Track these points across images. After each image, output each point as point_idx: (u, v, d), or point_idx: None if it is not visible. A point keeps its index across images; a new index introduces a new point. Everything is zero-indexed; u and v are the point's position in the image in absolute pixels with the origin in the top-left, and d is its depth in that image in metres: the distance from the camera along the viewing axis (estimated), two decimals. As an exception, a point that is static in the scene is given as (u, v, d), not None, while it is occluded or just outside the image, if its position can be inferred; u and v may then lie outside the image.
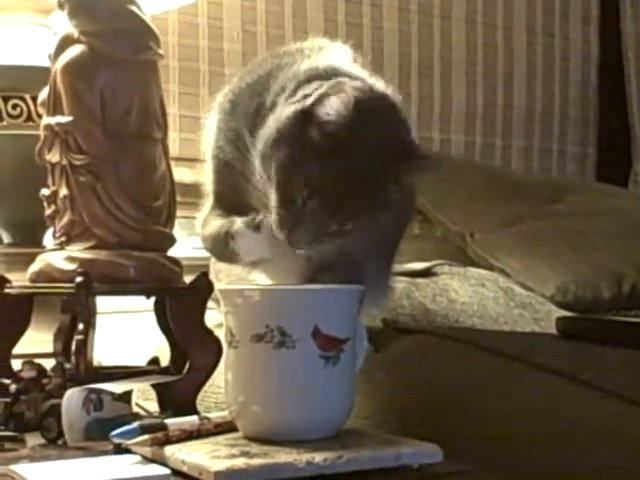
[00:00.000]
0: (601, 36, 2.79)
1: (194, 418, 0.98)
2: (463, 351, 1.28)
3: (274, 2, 2.24)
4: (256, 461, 0.84)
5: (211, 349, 1.16)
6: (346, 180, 0.97)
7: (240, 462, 0.84)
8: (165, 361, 1.25)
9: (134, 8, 1.18)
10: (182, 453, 0.89)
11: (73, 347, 1.21)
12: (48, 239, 1.35)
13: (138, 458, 0.93)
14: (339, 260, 1.06)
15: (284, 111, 1.02)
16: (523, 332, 1.57)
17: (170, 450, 0.91)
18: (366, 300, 1.00)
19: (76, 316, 1.22)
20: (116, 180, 1.16)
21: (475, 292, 1.78)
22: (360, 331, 1.00)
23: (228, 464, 0.84)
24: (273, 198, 1.02)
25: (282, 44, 2.13)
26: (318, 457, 0.86)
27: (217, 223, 1.10)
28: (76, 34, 1.17)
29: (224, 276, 1.19)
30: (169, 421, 0.96)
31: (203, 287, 1.18)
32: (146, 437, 0.92)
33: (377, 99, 1.01)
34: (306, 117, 1.00)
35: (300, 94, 1.03)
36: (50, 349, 1.24)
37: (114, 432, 0.93)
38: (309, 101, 1.00)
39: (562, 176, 2.68)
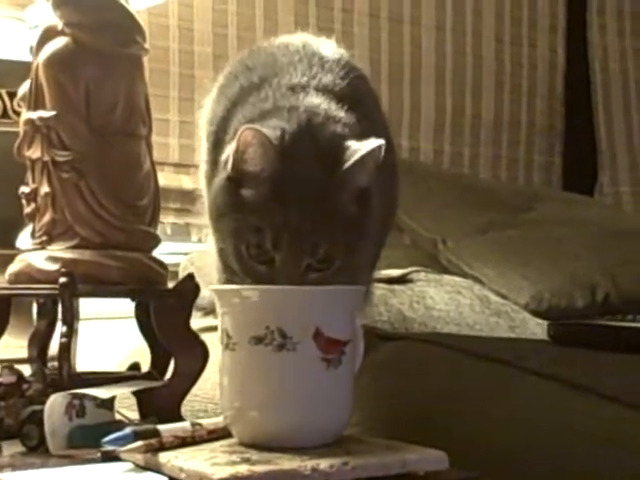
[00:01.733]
0: (568, 46, 2.79)
1: (186, 424, 0.95)
2: (451, 357, 1.25)
3: (245, 5, 2.21)
4: (260, 468, 0.81)
5: (197, 354, 1.13)
6: (297, 212, 0.94)
7: (243, 469, 0.80)
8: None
9: (121, 0, 1.14)
10: (179, 460, 0.85)
11: (52, 351, 1.18)
12: (22, 240, 1.31)
13: (130, 466, 0.90)
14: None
15: (217, 180, 1.00)
16: (512, 338, 1.56)
17: (165, 457, 0.87)
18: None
19: (53, 320, 1.18)
20: (100, 177, 1.11)
21: (451, 299, 1.77)
22: (359, 333, 0.97)
23: (231, 471, 0.80)
24: (239, 269, 0.99)
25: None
26: (323, 464, 0.83)
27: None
28: (60, 26, 1.12)
29: None
30: (161, 427, 0.92)
31: (189, 290, 1.13)
32: (140, 443, 0.88)
33: (297, 126, 0.98)
34: (235, 181, 0.98)
35: (223, 159, 1.00)
36: (22, 354, 1.20)
37: (107, 438, 0.89)
38: (229, 166, 0.98)
39: (531, 185, 2.68)
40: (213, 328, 1.31)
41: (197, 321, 1.18)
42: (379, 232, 1.17)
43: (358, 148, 0.96)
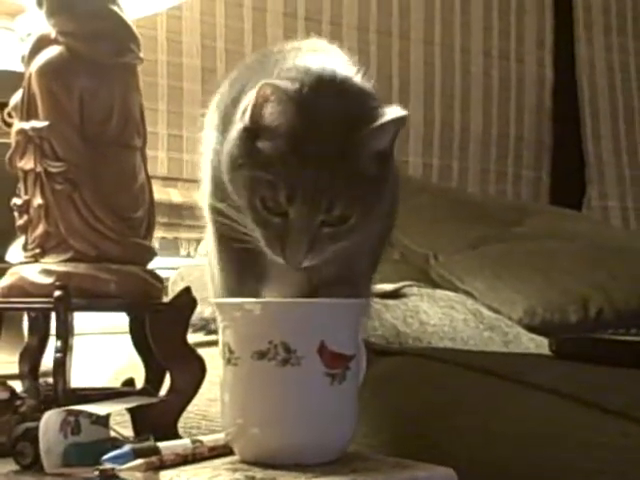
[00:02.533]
0: (555, 61, 2.79)
1: (186, 441, 0.92)
2: (451, 372, 1.23)
3: (233, 18, 2.20)
4: (266, 486, 0.78)
5: (194, 369, 1.10)
6: (315, 167, 0.92)
7: (248, 487, 0.78)
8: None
9: (115, 8, 1.12)
10: (181, 478, 0.82)
11: (43, 367, 1.16)
12: (12, 253, 1.28)
13: (129, 484, 0.87)
14: (340, 276, 1.01)
15: (232, 132, 0.98)
16: (512, 352, 1.53)
17: (166, 476, 0.84)
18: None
19: (45, 336, 1.15)
20: (95, 189, 1.09)
21: (445, 314, 1.75)
22: (361, 347, 0.95)
23: (236, 489, 0.77)
24: (250, 222, 0.97)
25: (241, 60, 2.08)
26: (330, 482, 0.80)
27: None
28: (53, 34, 1.10)
29: None
30: (161, 445, 0.89)
31: (186, 303, 1.11)
32: (140, 461, 0.85)
33: (313, 80, 0.96)
34: (252, 132, 0.96)
35: (240, 110, 0.98)
36: (12, 371, 1.17)
37: (106, 456, 0.86)
38: (247, 116, 0.96)
39: (519, 199, 2.67)
40: (203, 344, 1.30)
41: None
42: (378, 245, 1.15)
43: (383, 112, 0.94)
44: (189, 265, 1.91)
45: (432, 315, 1.72)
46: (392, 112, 0.95)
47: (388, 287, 1.77)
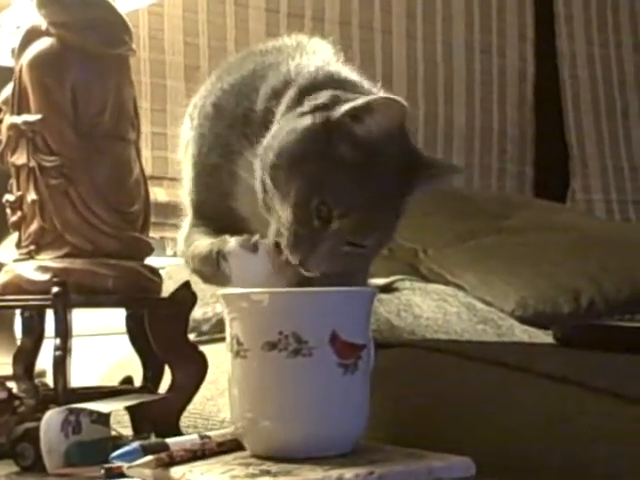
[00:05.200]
0: (537, 54, 2.78)
1: (194, 437, 0.90)
2: (455, 364, 1.21)
3: (216, 14, 2.17)
4: (283, 479, 0.76)
5: (195, 365, 1.08)
6: (374, 196, 0.94)
7: (266, 481, 0.76)
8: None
9: (107, -2, 1.09)
10: (194, 475, 0.80)
11: (38, 368, 1.13)
12: (3, 253, 1.25)
13: (139, 482, 0.84)
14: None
15: (299, 122, 0.96)
16: (515, 342, 1.52)
17: (177, 472, 0.82)
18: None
19: (40, 336, 1.12)
20: (90, 183, 1.06)
21: (438, 307, 1.73)
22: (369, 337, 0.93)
23: (253, 484, 0.75)
24: (287, 215, 0.95)
25: (224, 57, 2.06)
26: (348, 473, 0.78)
27: (205, 241, 1.02)
28: (44, 26, 1.08)
29: None
30: (169, 441, 0.87)
31: (186, 298, 1.09)
32: (150, 458, 0.83)
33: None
34: (332, 129, 0.94)
35: (310, 104, 0.97)
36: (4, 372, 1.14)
37: (114, 454, 0.84)
38: (338, 113, 0.94)
39: (506, 193, 2.66)
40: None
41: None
42: None
43: (437, 162, 1.02)
44: (177, 264, 1.89)
45: (425, 309, 1.70)
46: (450, 168, 1.05)
47: (381, 281, 1.76)
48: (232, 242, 0.97)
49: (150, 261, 1.14)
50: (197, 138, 1.08)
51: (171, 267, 1.87)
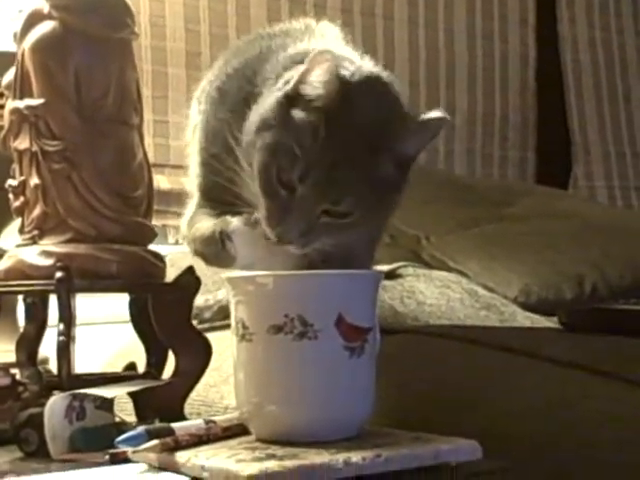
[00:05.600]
0: (538, 39, 2.77)
1: (199, 422, 0.90)
2: (461, 349, 1.21)
3: (217, 1, 2.16)
4: (289, 463, 0.76)
5: (199, 350, 1.08)
6: (337, 155, 0.92)
7: (272, 465, 0.75)
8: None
9: (109, -19, 1.09)
10: (199, 459, 0.80)
11: (41, 355, 1.12)
12: (7, 239, 1.25)
13: (144, 467, 0.84)
14: (336, 254, 0.99)
15: (267, 99, 0.97)
16: (520, 327, 1.52)
17: (183, 456, 0.82)
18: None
19: (43, 322, 1.11)
20: (93, 168, 1.06)
21: (441, 294, 1.73)
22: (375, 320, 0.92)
23: (259, 467, 0.75)
24: (257, 189, 0.94)
25: (226, 43, 2.05)
26: (355, 457, 0.78)
27: (208, 223, 1.01)
28: (46, 9, 1.07)
29: None
30: (174, 425, 0.87)
31: (190, 283, 1.08)
32: (155, 442, 0.82)
33: (364, 74, 0.96)
34: (290, 101, 0.94)
35: (282, 80, 0.97)
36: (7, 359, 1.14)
37: (119, 438, 0.83)
38: (291, 83, 0.95)
39: (508, 180, 2.65)
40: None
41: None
42: (377, 227, 1.13)
43: (421, 120, 0.94)
44: (179, 252, 1.88)
45: (429, 295, 1.70)
46: (428, 121, 0.94)
47: (384, 268, 1.75)
48: (235, 221, 0.97)
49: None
50: (203, 123, 1.07)
51: (173, 255, 1.87)
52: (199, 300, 1.51)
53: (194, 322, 1.45)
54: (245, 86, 1.04)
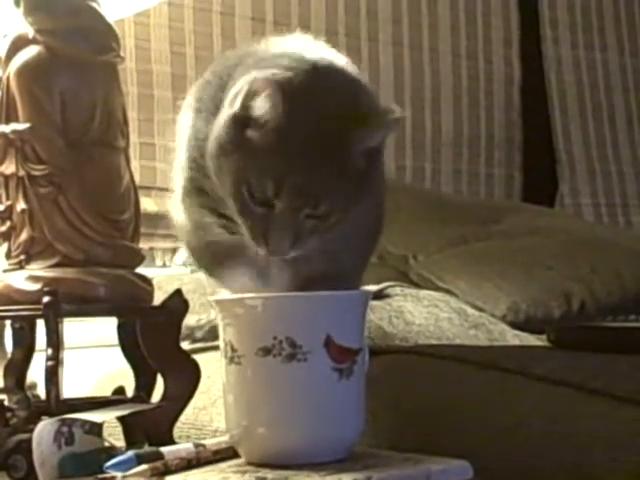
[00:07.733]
0: (522, 59, 2.79)
1: (189, 445, 0.89)
2: (448, 368, 1.20)
3: (202, 23, 2.17)
4: (281, 486, 0.76)
5: (188, 374, 1.07)
6: (303, 162, 0.90)
7: (262, 488, 0.75)
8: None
9: (94, 5, 1.09)
10: (189, 483, 0.79)
11: (28, 380, 1.12)
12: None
13: (133, 492, 0.84)
14: (327, 273, 0.99)
15: (220, 118, 0.96)
16: (509, 345, 1.52)
17: (173, 480, 0.81)
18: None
19: (31, 347, 1.11)
20: (80, 192, 1.06)
21: (430, 313, 1.73)
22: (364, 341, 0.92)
23: (250, 491, 0.75)
24: (235, 211, 0.94)
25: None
26: (346, 478, 0.78)
27: (200, 219, 1.01)
28: (31, 33, 1.07)
29: None
30: (164, 449, 0.86)
31: (178, 306, 1.08)
32: (145, 467, 0.82)
33: (308, 73, 0.93)
34: (242, 121, 0.93)
35: (230, 97, 0.96)
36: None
37: (108, 463, 0.83)
38: (237, 105, 0.93)
39: (495, 198, 2.66)
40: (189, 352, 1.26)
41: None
42: (365, 242, 1.13)
43: (378, 108, 0.93)
44: (166, 275, 1.88)
45: (417, 315, 1.70)
46: (388, 111, 0.92)
47: (372, 288, 1.75)
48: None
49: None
50: (187, 132, 1.07)
51: (161, 277, 1.86)
52: (191, 320, 1.51)
53: (186, 342, 1.45)
54: (218, 94, 1.02)
